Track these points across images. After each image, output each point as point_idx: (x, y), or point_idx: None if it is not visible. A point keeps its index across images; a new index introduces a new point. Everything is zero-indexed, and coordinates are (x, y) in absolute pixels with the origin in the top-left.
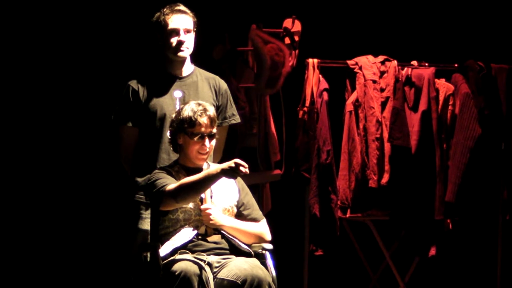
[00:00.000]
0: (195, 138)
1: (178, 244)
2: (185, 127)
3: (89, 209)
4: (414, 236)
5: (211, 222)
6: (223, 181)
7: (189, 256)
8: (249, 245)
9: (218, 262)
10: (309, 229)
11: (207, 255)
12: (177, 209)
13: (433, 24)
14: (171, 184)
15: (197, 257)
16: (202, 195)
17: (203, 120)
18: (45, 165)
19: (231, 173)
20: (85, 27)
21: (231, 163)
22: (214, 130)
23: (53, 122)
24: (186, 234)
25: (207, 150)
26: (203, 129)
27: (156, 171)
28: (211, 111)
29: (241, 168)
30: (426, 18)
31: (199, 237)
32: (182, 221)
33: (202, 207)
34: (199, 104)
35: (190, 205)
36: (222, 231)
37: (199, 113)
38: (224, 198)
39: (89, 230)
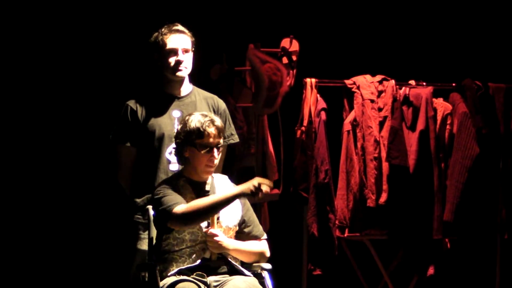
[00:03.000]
0: (204, 151)
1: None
2: (193, 139)
3: (88, 229)
4: (413, 255)
5: (217, 248)
6: None
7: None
8: (249, 264)
9: (217, 281)
10: (307, 248)
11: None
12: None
13: (430, 44)
14: (180, 204)
15: (196, 277)
16: None
17: (212, 130)
18: (45, 184)
19: (252, 195)
20: (84, 47)
21: (251, 185)
22: (221, 141)
23: (52, 142)
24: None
25: (216, 162)
26: (211, 140)
27: (163, 185)
28: (218, 121)
29: (262, 187)
30: (423, 38)
31: (203, 262)
32: (188, 242)
33: (209, 232)
34: (205, 115)
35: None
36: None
37: (207, 124)
38: (229, 217)
39: (88, 251)
